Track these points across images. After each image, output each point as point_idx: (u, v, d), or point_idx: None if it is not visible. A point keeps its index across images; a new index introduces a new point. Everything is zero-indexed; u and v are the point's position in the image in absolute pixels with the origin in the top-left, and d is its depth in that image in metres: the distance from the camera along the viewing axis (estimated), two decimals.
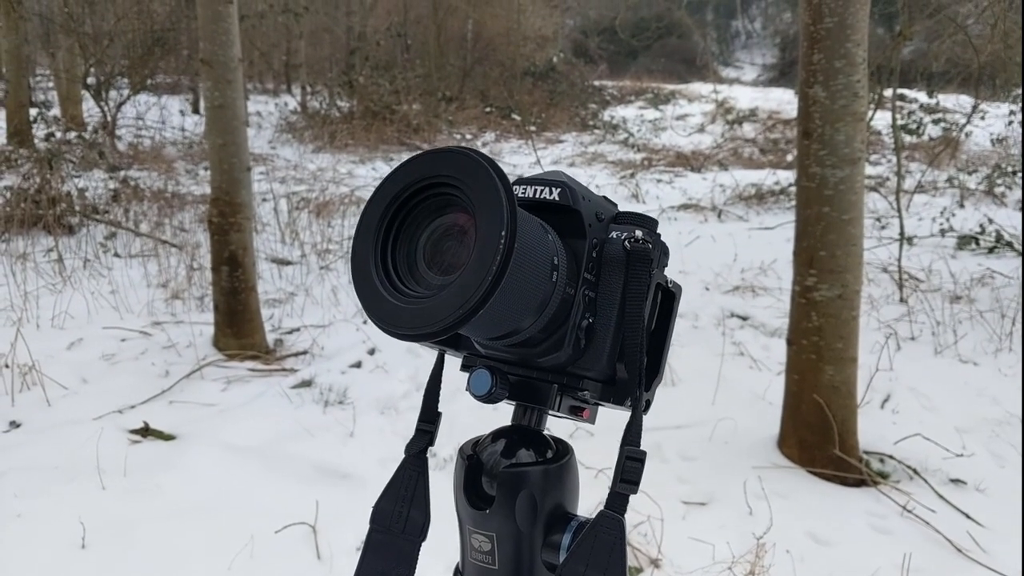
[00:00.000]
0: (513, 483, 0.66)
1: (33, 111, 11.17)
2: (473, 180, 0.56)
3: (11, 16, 11.30)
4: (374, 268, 0.59)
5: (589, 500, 2.18)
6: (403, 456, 0.72)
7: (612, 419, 0.76)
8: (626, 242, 0.66)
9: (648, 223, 0.68)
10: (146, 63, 12.13)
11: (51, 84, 16.30)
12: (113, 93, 11.79)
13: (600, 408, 0.72)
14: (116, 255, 6.16)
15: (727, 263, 6.07)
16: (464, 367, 0.70)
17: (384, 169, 10.65)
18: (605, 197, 0.70)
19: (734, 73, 30.86)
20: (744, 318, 5.03)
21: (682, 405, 3.83)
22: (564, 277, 0.62)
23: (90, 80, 11.93)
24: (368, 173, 10.27)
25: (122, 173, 8.56)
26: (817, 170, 3.06)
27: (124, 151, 10.55)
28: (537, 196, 0.66)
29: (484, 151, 12.42)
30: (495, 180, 0.54)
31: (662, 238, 0.71)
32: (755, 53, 35.93)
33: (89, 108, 12.83)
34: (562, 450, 0.70)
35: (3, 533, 2.65)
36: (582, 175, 10.56)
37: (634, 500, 2.74)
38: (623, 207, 0.69)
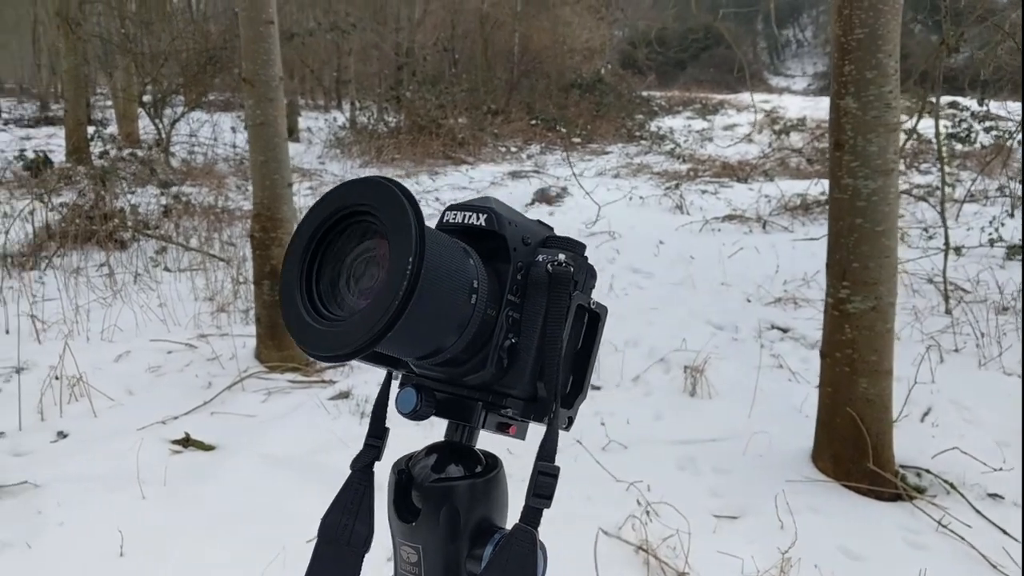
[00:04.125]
0: (439, 497, 0.68)
1: (91, 129, 11.51)
2: (387, 207, 0.59)
3: (70, 38, 11.67)
4: (299, 294, 0.63)
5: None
6: (349, 472, 0.74)
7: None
8: (548, 265, 0.68)
9: (575, 247, 0.70)
10: (199, 81, 12.43)
11: (109, 103, 16.77)
12: (168, 111, 12.09)
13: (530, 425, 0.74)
14: (166, 269, 6.32)
15: (769, 275, 6.02)
16: (400, 386, 0.72)
17: (427, 183, 10.77)
18: (539, 221, 0.72)
19: (784, 82, 30.56)
20: (784, 330, 4.99)
21: (717, 418, 3.82)
22: (485, 299, 0.65)
23: (146, 98, 12.26)
24: (411, 187, 10.36)
25: (174, 189, 8.78)
26: (849, 181, 3.03)
27: (177, 167, 10.81)
28: (465, 222, 0.69)
29: (529, 163, 12.41)
30: (406, 207, 0.57)
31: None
32: (806, 62, 35.57)
33: (144, 125, 13.17)
34: (491, 464, 0.72)
35: (45, 541, 2.74)
36: (625, 186, 10.54)
37: (664, 513, 2.73)
38: (667, 219, 0.70)
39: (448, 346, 0.65)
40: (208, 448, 3.49)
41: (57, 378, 3.94)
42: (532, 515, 0.64)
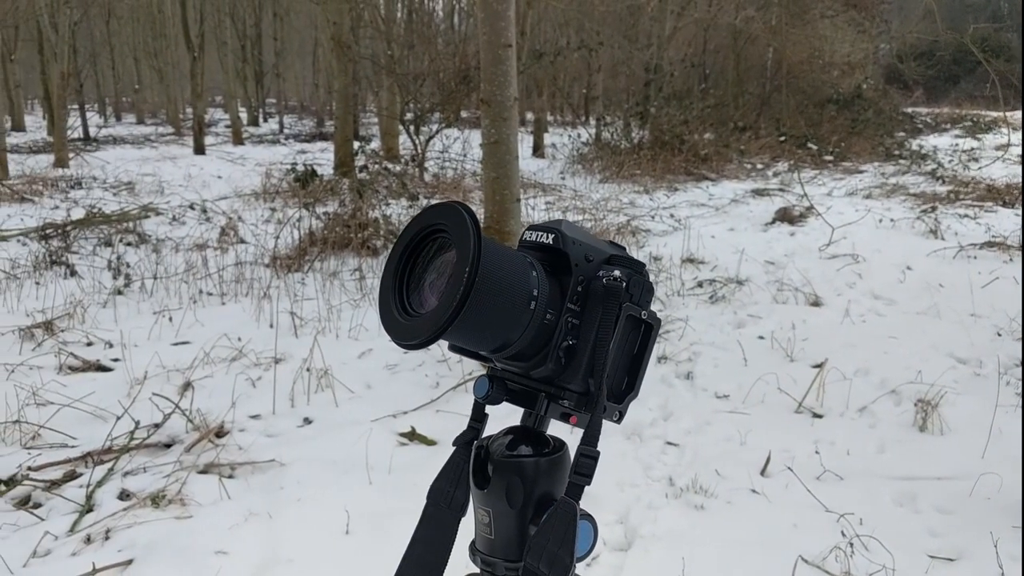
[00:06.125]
0: (507, 470, 0.80)
1: (356, 144, 12.52)
2: (456, 227, 0.71)
3: (342, 60, 12.76)
4: (392, 296, 0.76)
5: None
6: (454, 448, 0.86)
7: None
8: (604, 279, 0.77)
9: (635, 266, 0.79)
10: (454, 100, 13.16)
11: (375, 120, 18.11)
12: (424, 128, 12.90)
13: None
14: None
15: None
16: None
17: (662, 199, 10.77)
18: (610, 241, 0.82)
19: None
20: None
21: (947, 456, 3.59)
22: (544, 305, 0.75)
23: (407, 116, 13.15)
24: (647, 203, 10.44)
25: (425, 201, 9.38)
26: None
27: (429, 181, 11.51)
28: (538, 240, 0.80)
29: (775, 181, 12.11)
30: (468, 227, 0.69)
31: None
32: None
33: (403, 141, 14.13)
34: (556, 447, 0.83)
35: (284, 513, 3.08)
36: (877, 207, 10.02)
37: (872, 547, 2.63)
38: (918, 243, 0.74)
39: (513, 342, 0.75)
40: (430, 443, 3.74)
41: (308, 370, 4.38)
42: (574, 490, 0.75)
